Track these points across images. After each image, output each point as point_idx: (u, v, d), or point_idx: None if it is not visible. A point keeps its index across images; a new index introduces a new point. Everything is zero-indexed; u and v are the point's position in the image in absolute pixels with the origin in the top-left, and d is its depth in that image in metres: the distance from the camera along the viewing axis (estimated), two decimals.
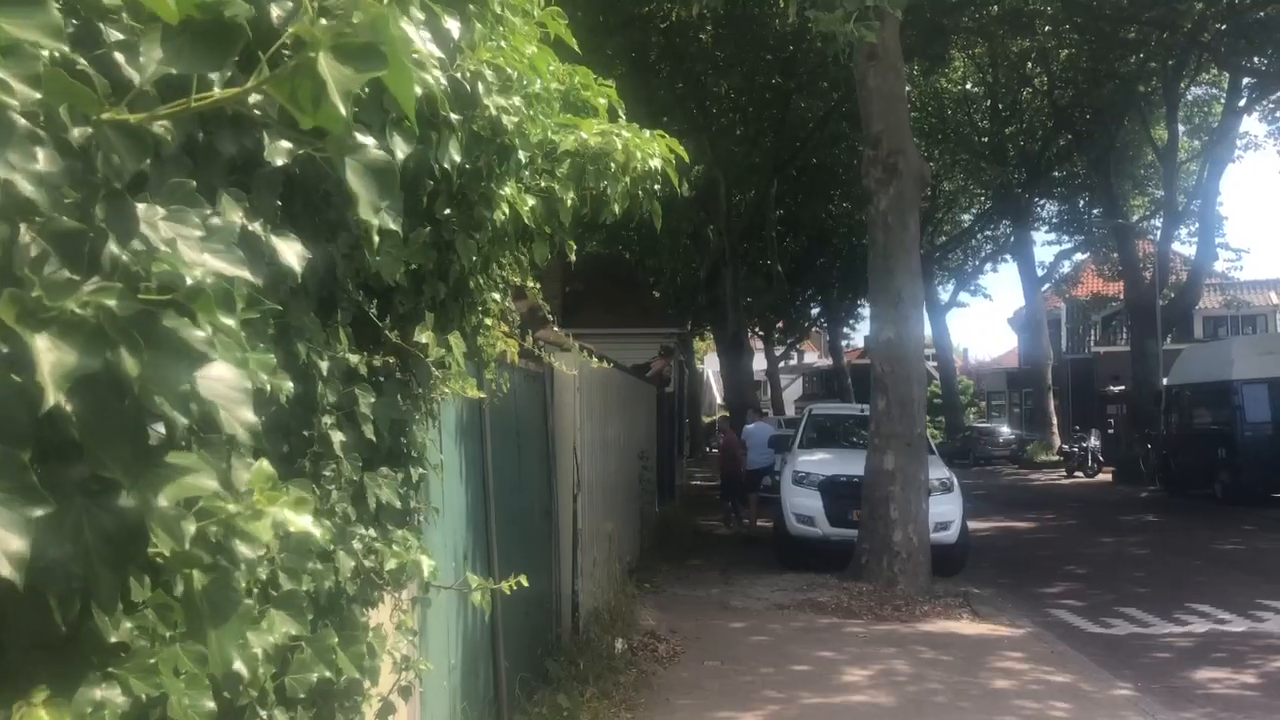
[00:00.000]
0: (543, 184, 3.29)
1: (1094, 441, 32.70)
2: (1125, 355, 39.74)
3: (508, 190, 2.99)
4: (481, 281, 3.33)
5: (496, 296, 3.61)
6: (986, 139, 38.61)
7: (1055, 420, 41.27)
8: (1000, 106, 38.21)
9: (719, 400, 53.52)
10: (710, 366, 55.73)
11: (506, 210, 3.02)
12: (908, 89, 14.20)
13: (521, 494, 7.61)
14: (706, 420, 52.93)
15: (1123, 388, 37.30)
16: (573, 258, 3.85)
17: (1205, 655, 9.36)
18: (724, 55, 21.39)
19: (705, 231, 27.17)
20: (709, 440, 43.09)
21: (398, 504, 2.87)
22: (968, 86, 38.27)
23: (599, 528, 9.83)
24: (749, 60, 21.28)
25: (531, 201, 3.20)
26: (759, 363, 54.84)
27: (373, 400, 2.69)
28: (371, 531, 2.74)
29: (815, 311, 51.56)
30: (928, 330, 37.36)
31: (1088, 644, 9.78)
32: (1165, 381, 28.55)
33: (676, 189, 3.62)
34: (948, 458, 18.47)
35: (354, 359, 2.65)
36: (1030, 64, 33.79)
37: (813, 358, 72.28)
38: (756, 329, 49.68)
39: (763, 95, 24.94)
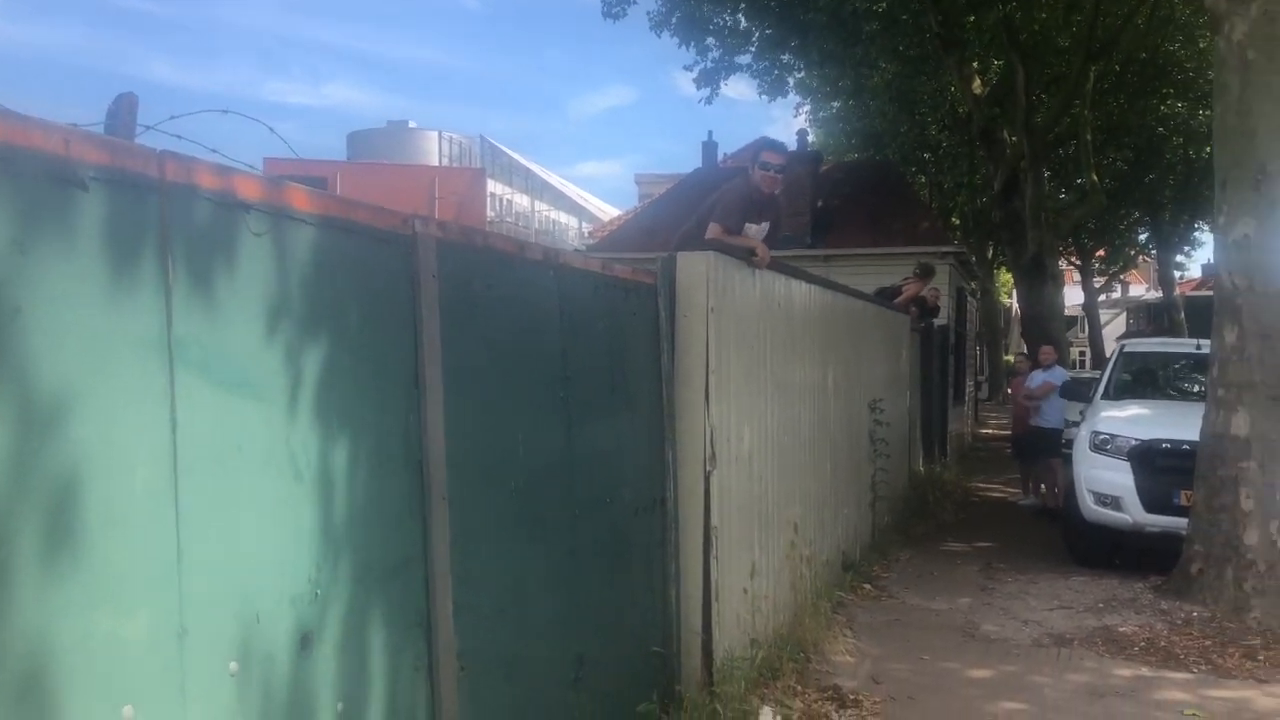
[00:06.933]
0: None
1: None
2: None
3: None
4: None
5: None
6: None
7: None
8: None
9: None
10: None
11: None
12: None
13: (576, 474, 4.52)
14: (1007, 359, 47.59)
15: None
16: None
17: None
18: None
19: (999, 134, 22.44)
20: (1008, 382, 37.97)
21: None
22: None
23: (770, 516, 6.61)
24: None
25: None
26: (1075, 296, 48.59)
27: None
28: None
29: (1143, 237, 44.59)
30: None
31: None
32: None
33: None
34: None
35: None
36: None
37: (1139, 290, 64.27)
38: (1072, 258, 43.54)
39: None
